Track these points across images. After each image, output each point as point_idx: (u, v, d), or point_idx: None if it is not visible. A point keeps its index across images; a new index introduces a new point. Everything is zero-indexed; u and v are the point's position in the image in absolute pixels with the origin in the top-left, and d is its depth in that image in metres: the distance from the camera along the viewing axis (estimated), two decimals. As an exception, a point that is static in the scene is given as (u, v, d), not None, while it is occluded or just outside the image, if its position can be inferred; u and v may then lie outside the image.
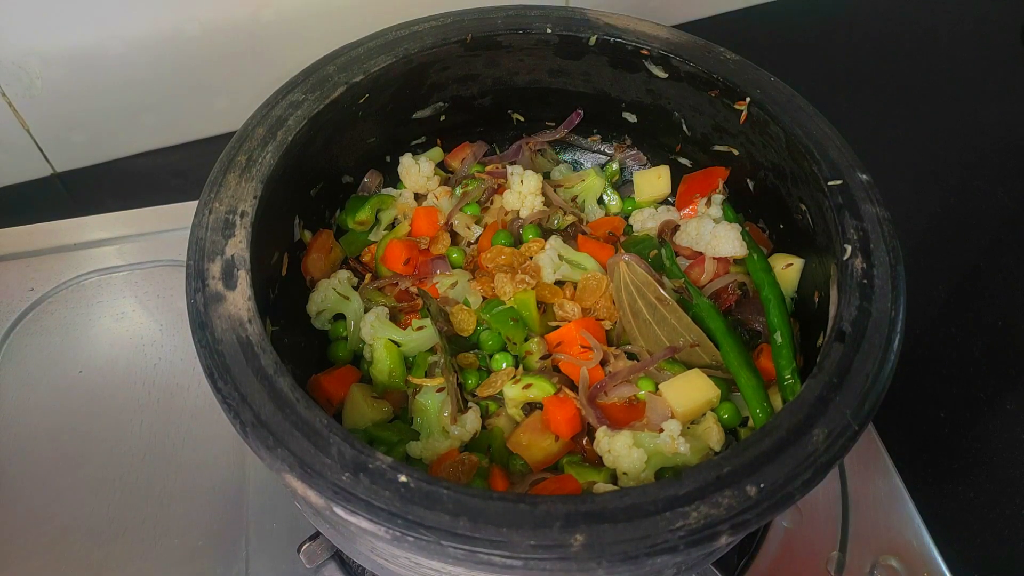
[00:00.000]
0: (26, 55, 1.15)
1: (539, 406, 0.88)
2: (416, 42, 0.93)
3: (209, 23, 1.21)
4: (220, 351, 0.69)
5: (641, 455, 0.81)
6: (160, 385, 1.05)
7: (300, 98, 0.87)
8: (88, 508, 0.96)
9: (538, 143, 1.10)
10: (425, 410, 0.87)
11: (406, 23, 0.95)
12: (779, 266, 0.94)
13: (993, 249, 1.25)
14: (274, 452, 0.64)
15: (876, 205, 0.82)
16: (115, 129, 1.29)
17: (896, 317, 0.75)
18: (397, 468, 0.63)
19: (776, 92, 0.92)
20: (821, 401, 0.70)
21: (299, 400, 0.67)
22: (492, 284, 0.93)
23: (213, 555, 0.94)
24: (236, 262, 0.74)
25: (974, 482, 1.03)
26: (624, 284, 0.90)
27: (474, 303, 0.94)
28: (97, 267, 1.13)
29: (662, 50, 0.95)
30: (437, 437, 0.85)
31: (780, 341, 0.88)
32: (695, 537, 0.62)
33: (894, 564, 0.92)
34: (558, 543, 0.60)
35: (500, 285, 0.93)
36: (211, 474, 0.99)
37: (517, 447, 0.85)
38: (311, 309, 0.94)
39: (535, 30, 0.96)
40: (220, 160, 0.82)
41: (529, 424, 0.86)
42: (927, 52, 1.52)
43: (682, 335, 0.89)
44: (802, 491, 0.65)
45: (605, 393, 0.88)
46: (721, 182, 1.02)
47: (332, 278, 0.95)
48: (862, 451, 0.99)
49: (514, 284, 0.92)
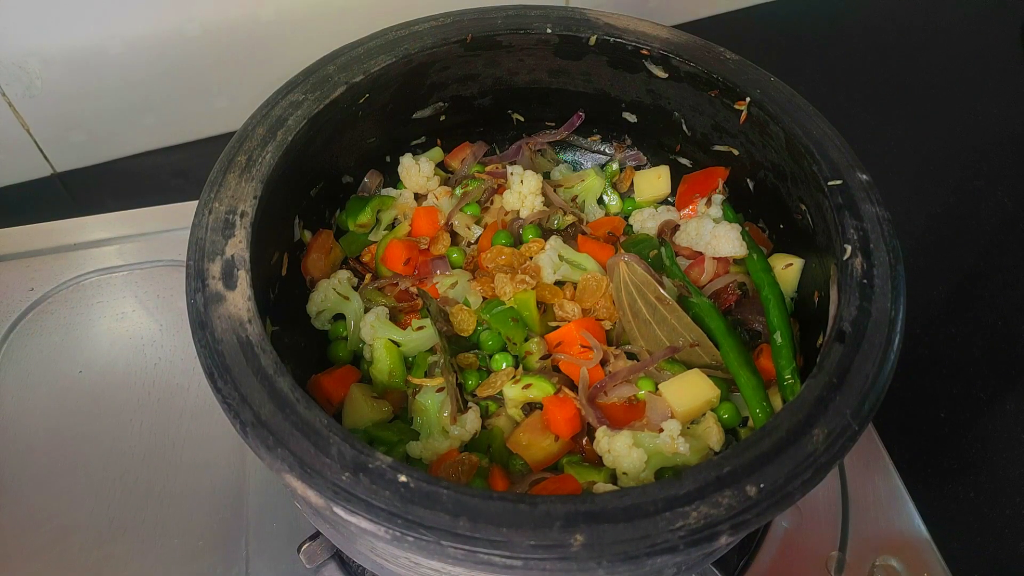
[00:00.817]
0: (26, 55, 1.15)
1: (539, 406, 0.88)
2: (416, 42, 0.93)
3: (209, 23, 1.21)
4: (220, 351, 0.69)
5: (641, 455, 0.81)
6: (160, 385, 1.05)
7: (300, 98, 0.87)
8: (88, 508, 0.96)
9: (538, 143, 1.10)
10: (425, 410, 0.87)
11: (406, 23, 0.95)
12: (779, 266, 0.94)
13: (993, 249, 1.25)
14: (274, 452, 0.64)
15: (876, 205, 0.82)
16: (115, 129, 1.29)
17: (896, 317, 0.75)
18: (397, 468, 0.63)
19: (776, 92, 0.92)
20: (821, 401, 0.70)
21: (299, 400, 0.67)
22: (492, 284, 0.93)
23: (213, 555, 0.94)
24: (236, 262, 0.74)
25: (974, 482, 1.03)
26: (624, 284, 0.90)
27: (474, 303, 0.94)
28: (97, 267, 1.13)
29: (662, 50, 0.95)
30: (437, 437, 0.85)
31: (780, 341, 0.88)
32: (695, 537, 0.62)
33: (894, 564, 0.92)
34: (558, 543, 0.60)
35: (500, 285, 0.93)
36: (211, 474, 0.99)
37: (517, 447, 0.85)
38: (311, 309, 0.94)
39: (535, 30, 0.96)
40: (220, 160, 0.82)
41: (529, 424, 0.86)
42: (927, 52, 1.52)
43: (682, 335, 0.89)
44: (802, 491, 0.65)
45: (605, 393, 0.88)
46: (721, 182, 1.02)
47: (332, 278, 0.95)
48: (862, 451, 0.99)
49: (514, 284, 0.92)
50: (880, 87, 1.46)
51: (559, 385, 0.87)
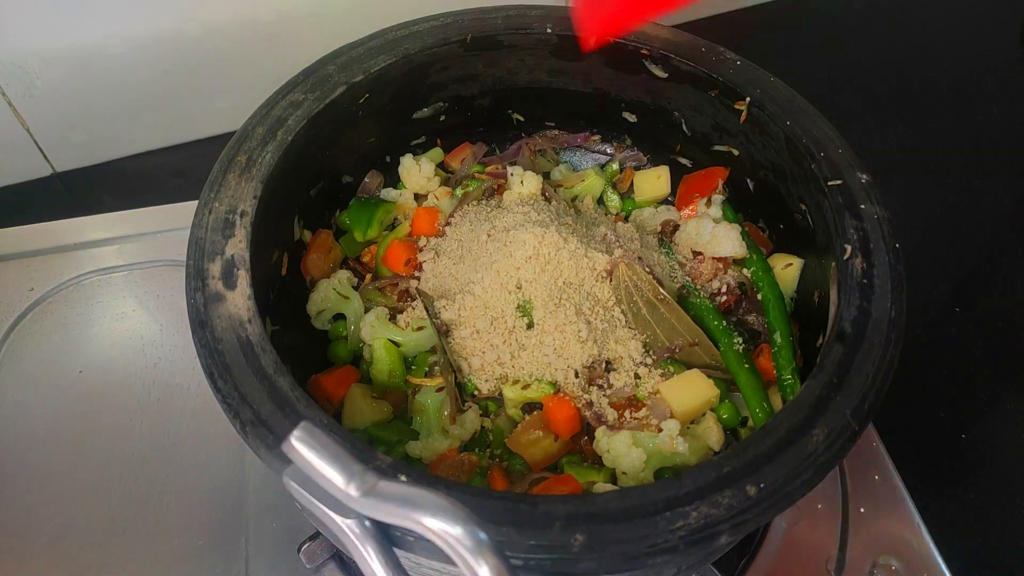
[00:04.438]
0: (26, 55, 1.15)
1: (539, 406, 0.88)
2: (416, 42, 0.94)
3: (209, 23, 1.21)
4: (220, 351, 0.69)
5: (640, 455, 0.81)
6: (160, 385, 1.05)
7: (300, 98, 0.87)
8: (88, 508, 0.96)
9: (538, 144, 1.10)
10: (424, 410, 0.87)
11: (406, 23, 0.95)
12: (779, 266, 0.95)
13: (993, 249, 1.25)
14: (274, 451, 0.64)
15: (876, 205, 0.82)
16: (115, 129, 1.29)
17: (896, 317, 0.75)
18: (397, 467, 0.63)
19: (776, 92, 0.92)
20: (821, 401, 0.70)
21: (299, 399, 0.67)
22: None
23: (213, 555, 0.94)
24: (236, 262, 0.75)
25: (974, 482, 1.03)
26: (624, 284, 0.90)
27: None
28: (97, 267, 1.13)
29: (662, 50, 0.95)
30: (436, 437, 0.85)
31: (780, 341, 0.89)
32: (695, 537, 0.62)
33: (894, 564, 0.92)
34: (558, 543, 0.60)
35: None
36: (211, 474, 0.99)
37: (517, 447, 0.85)
38: (311, 309, 0.94)
39: (535, 30, 0.96)
40: (220, 160, 0.82)
41: (529, 424, 0.86)
42: (927, 52, 1.52)
43: (681, 335, 0.89)
44: (802, 491, 0.65)
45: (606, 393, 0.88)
46: (721, 182, 1.02)
47: (332, 278, 0.95)
48: (862, 451, 0.99)
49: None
50: (880, 87, 1.46)
51: (558, 385, 0.87)
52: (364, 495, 0.53)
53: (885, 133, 1.38)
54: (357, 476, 0.54)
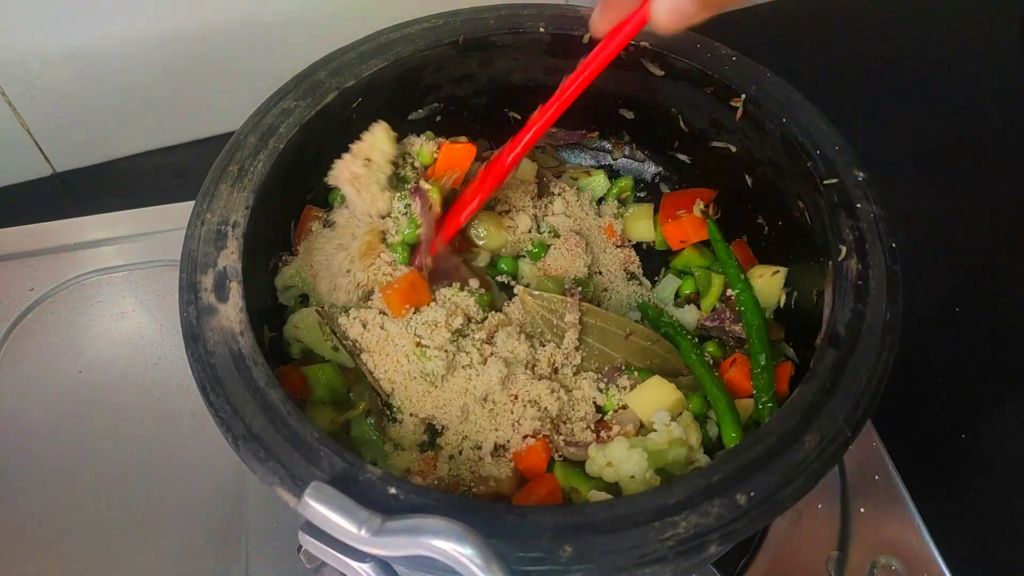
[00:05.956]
0: (26, 55, 1.15)
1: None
2: (409, 44, 0.93)
3: (209, 23, 1.21)
4: (212, 364, 0.69)
5: (641, 454, 0.80)
6: (160, 385, 1.05)
7: (291, 105, 0.87)
8: (88, 508, 0.96)
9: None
10: (367, 439, 0.87)
11: (398, 25, 0.95)
12: (766, 275, 0.95)
13: (993, 249, 1.24)
14: (265, 465, 0.64)
15: (873, 204, 0.82)
16: (115, 129, 1.29)
17: (891, 319, 0.75)
18: (387, 480, 0.63)
19: (772, 88, 0.91)
20: (814, 406, 0.70)
21: (290, 413, 0.67)
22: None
23: (213, 555, 0.94)
24: (228, 274, 0.75)
25: (974, 482, 1.03)
26: (531, 315, 0.91)
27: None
28: (97, 267, 1.13)
29: (658, 47, 0.94)
30: (392, 455, 0.86)
31: (763, 363, 0.88)
32: (685, 547, 0.62)
33: (894, 564, 0.92)
34: (547, 554, 0.60)
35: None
36: (211, 474, 0.99)
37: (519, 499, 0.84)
38: (279, 282, 0.92)
39: (528, 29, 0.96)
40: (212, 170, 0.82)
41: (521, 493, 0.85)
42: (927, 51, 1.50)
43: (613, 332, 0.90)
44: (793, 499, 0.65)
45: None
46: (702, 204, 1.03)
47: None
48: (862, 451, 0.98)
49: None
50: (880, 86, 1.45)
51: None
52: (375, 535, 0.57)
53: (885, 132, 1.37)
54: (365, 521, 0.58)
